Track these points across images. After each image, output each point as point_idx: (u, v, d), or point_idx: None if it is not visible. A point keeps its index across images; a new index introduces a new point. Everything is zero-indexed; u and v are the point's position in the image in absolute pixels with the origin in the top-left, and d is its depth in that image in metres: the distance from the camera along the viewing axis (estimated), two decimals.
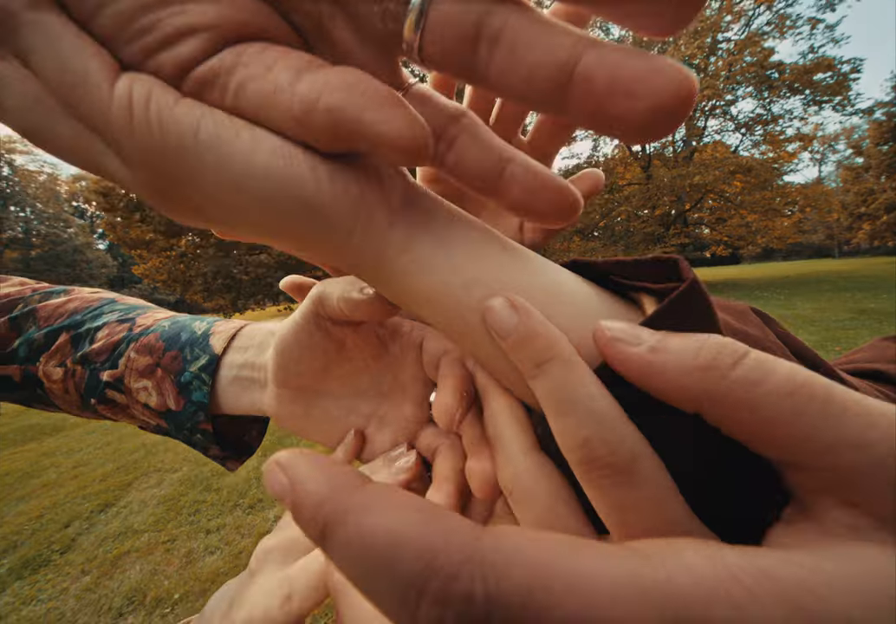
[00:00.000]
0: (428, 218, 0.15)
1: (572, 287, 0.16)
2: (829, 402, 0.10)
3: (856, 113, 13.94)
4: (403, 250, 0.15)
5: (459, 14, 0.11)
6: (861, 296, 7.35)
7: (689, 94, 0.10)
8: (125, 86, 0.11)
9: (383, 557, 0.08)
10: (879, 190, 26.93)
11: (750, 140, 15.36)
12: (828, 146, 41.15)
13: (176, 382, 0.28)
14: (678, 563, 0.09)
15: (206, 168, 0.12)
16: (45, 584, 1.85)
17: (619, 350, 0.13)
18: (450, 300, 0.15)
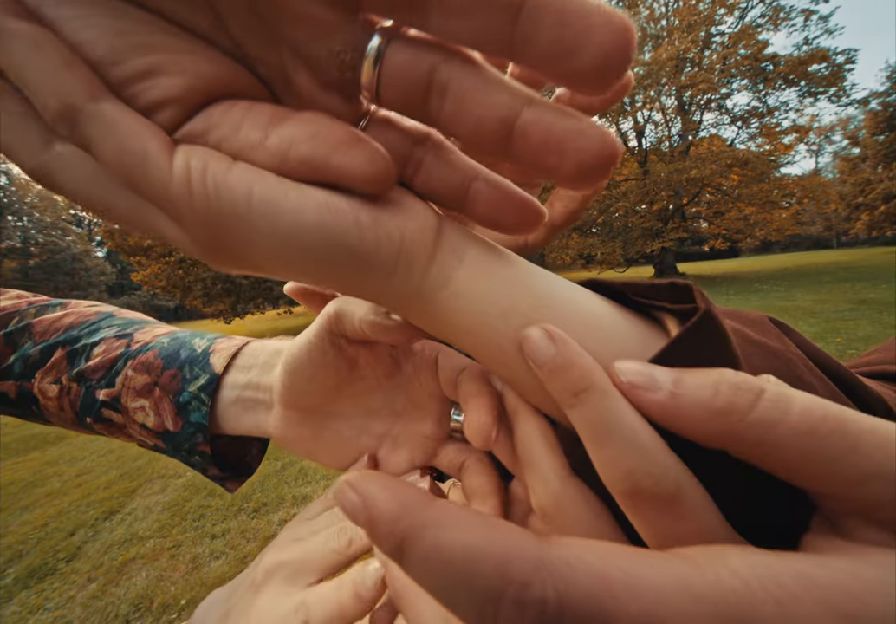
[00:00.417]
0: (462, 251, 0.16)
1: (598, 309, 0.16)
2: (846, 435, 0.11)
3: (851, 103, 13.93)
4: (442, 285, 0.15)
5: (410, 66, 0.12)
6: (860, 286, 7.34)
7: (611, 154, 0.11)
8: (183, 161, 0.12)
9: (462, 570, 0.09)
10: (876, 180, 26.90)
11: (746, 133, 15.36)
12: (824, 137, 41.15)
13: (174, 402, 0.27)
14: (725, 568, 0.09)
15: (259, 228, 0.12)
16: (52, 592, 1.85)
17: (638, 397, 0.13)
18: (488, 330, 0.15)
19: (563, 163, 0.12)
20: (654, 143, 16.44)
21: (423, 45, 0.12)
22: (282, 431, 0.24)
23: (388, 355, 0.24)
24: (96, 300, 0.48)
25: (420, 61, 0.12)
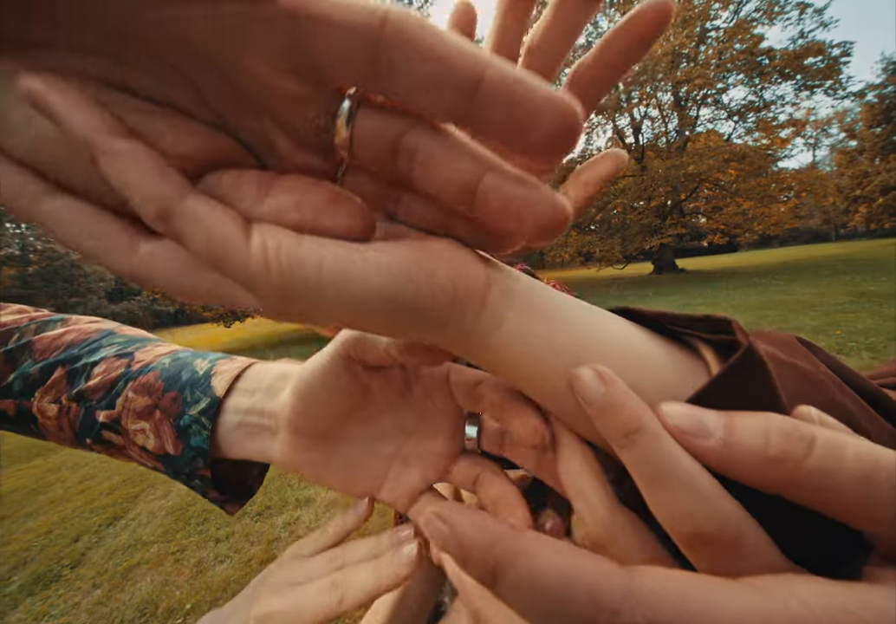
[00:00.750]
0: (509, 290, 0.16)
1: (636, 341, 0.17)
2: None
3: (847, 96, 13.92)
4: (495, 327, 0.16)
5: (379, 131, 0.13)
6: (860, 279, 7.34)
7: (564, 218, 0.13)
8: (259, 241, 0.12)
9: (555, 595, 0.10)
10: (874, 172, 26.88)
11: (743, 127, 15.35)
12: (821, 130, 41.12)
13: (175, 426, 0.27)
14: (793, 597, 0.10)
15: (326, 294, 0.13)
16: (57, 599, 1.85)
17: (689, 443, 0.13)
18: (539, 366, 0.16)
19: (522, 227, 0.13)
20: (650, 139, 16.43)
21: (390, 111, 0.13)
22: (289, 457, 0.24)
23: (399, 378, 0.24)
24: (96, 306, 0.47)
25: (388, 127, 0.13)
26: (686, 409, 0.14)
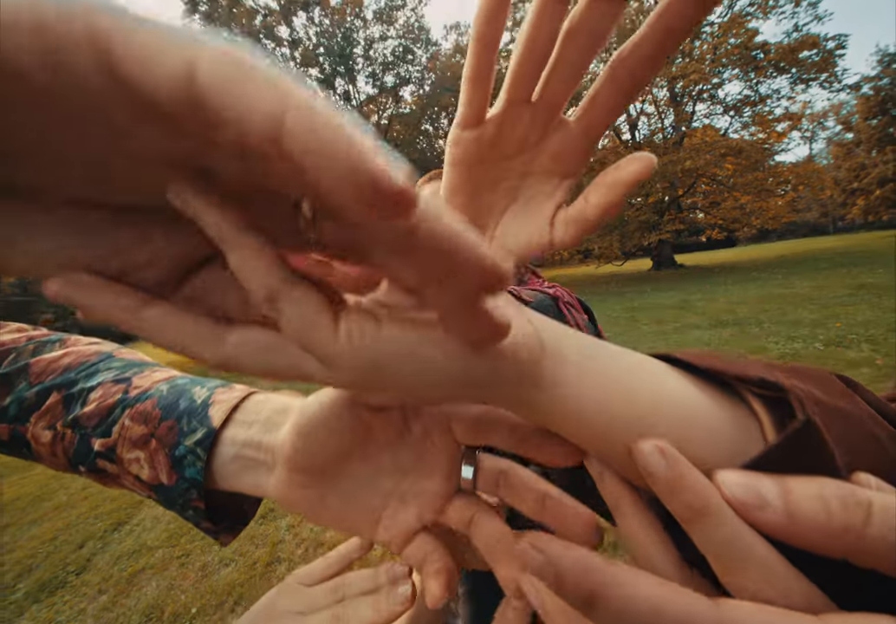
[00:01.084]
0: (561, 354, 0.16)
1: (690, 400, 0.17)
2: None
3: (843, 89, 13.92)
4: (551, 387, 0.16)
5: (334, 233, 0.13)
6: (858, 271, 7.34)
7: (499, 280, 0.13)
8: (346, 327, 0.13)
9: (648, 623, 0.11)
10: (871, 164, 26.86)
11: (739, 122, 15.34)
12: (817, 123, 41.08)
13: (170, 456, 0.27)
14: None
15: (395, 371, 0.14)
16: (63, 605, 1.86)
17: (749, 515, 0.13)
18: (595, 428, 0.16)
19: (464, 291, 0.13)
20: (647, 135, 16.43)
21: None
22: (284, 493, 0.24)
23: (398, 416, 0.24)
24: None
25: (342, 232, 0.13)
26: (742, 477, 0.14)
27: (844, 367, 3.12)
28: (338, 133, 0.07)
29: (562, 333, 0.18)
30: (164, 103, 0.08)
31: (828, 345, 3.69)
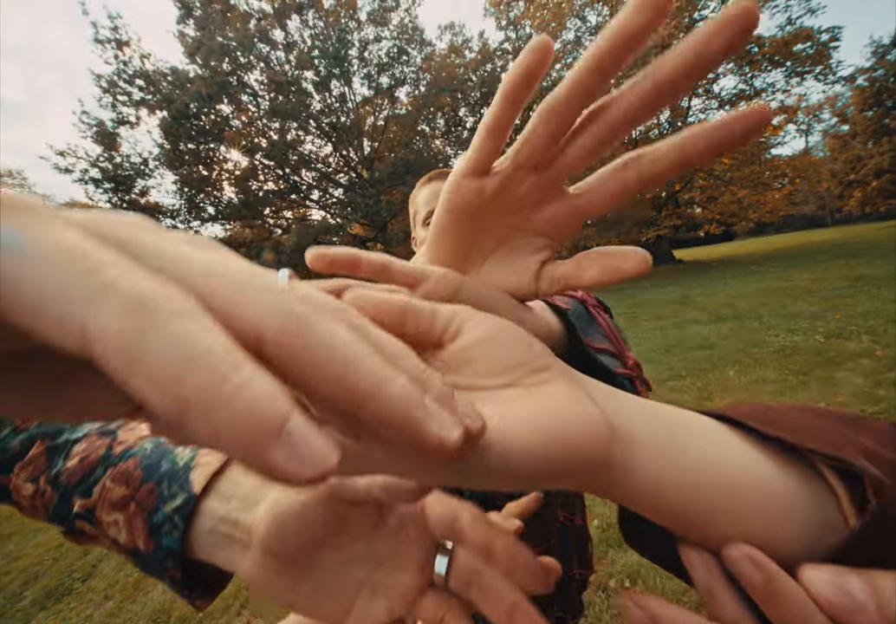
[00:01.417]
0: (632, 430, 0.17)
1: (766, 476, 0.17)
2: None
3: (838, 81, 13.92)
4: (621, 471, 0.16)
5: None
6: (856, 263, 7.34)
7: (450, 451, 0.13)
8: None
9: None
10: (867, 156, 26.87)
11: None
12: (813, 116, 41.07)
13: (148, 521, 0.26)
14: None
15: (499, 470, 0.14)
16: (69, 612, 1.86)
17: (841, 617, 0.13)
18: (673, 507, 0.17)
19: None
20: (643, 131, 16.42)
21: None
22: (256, 576, 0.23)
23: (373, 508, 0.24)
24: None
25: None
26: (828, 575, 0.14)
27: (845, 358, 3.12)
28: (240, 419, 0.07)
29: (628, 408, 0.18)
30: (57, 350, 0.07)
31: (828, 337, 3.70)
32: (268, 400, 0.07)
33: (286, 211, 16.05)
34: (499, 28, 16.91)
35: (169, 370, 0.07)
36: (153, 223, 0.10)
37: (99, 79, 12.44)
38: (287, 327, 0.09)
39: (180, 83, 12.64)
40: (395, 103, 15.85)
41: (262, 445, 0.07)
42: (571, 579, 0.57)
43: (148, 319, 0.07)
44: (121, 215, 0.10)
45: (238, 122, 13.80)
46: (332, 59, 13.28)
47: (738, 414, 0.19)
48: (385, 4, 14.26)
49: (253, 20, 13.07)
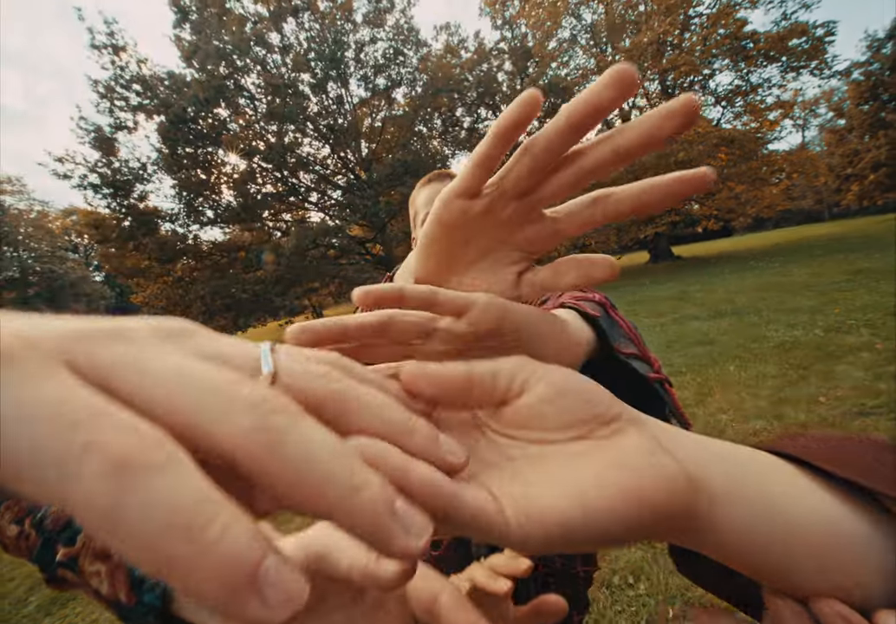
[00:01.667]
0: (710, 481, 0.16)
1: (843, 524, 0.17)
2: None
3: (834, 75, 13.94)
4: (705, 521, 0.16)
5: None
6: (854, 257, 7.35)
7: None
8: (515, 520, 0.14)
9: None
10: (864, 150, 26.86)
11: (731, 112, 15.35)
12: (809, 111, 41.02)
13: (130, 574, 0.26)
14: None
15: (565, 543, 0.14)
16: (75, 617, 1.87)
17: None
18: (756, 559, 0.17)
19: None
20: None
21: None
22: None
23: (354, 584, 0.24)
24: None
25: None
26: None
27: (845, 352, 3.13)
28: (214, 578, 0.07)
29: (700, 452, 0.17)
30: None
31: (827, 331, 3.70)
32: (242, 549, 0.08)
33: (285, 213, 16.06)
34: (494, 27, 16.93)
35: (145, 538, 0.07)
36: (134, 326, 0.11)
37: (96, 84, 12.44)
38: (258, 452, 0.09)
39: (177, 87, 12.66)
40: (392, 104, 15.86)
41: (238, 598, 0.08)
42: (576, 576, 0.58)
43: (124, 482, 0.07)
44: (98, 328, 0.11)
45: (235, 126, 13.81)
46: (329, 62, 13.29)
47: (803, 452, 0.18)
48: (380, 5, 14.27)
49: (249, 23, 13.08)
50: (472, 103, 16.16)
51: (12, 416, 0.08)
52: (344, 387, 0.12)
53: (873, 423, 2.16)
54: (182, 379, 0.10)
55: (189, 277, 13.13)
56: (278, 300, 13.30)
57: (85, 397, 0.08)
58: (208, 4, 12.85)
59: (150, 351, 0.10)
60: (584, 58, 16.24)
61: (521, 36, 16.47)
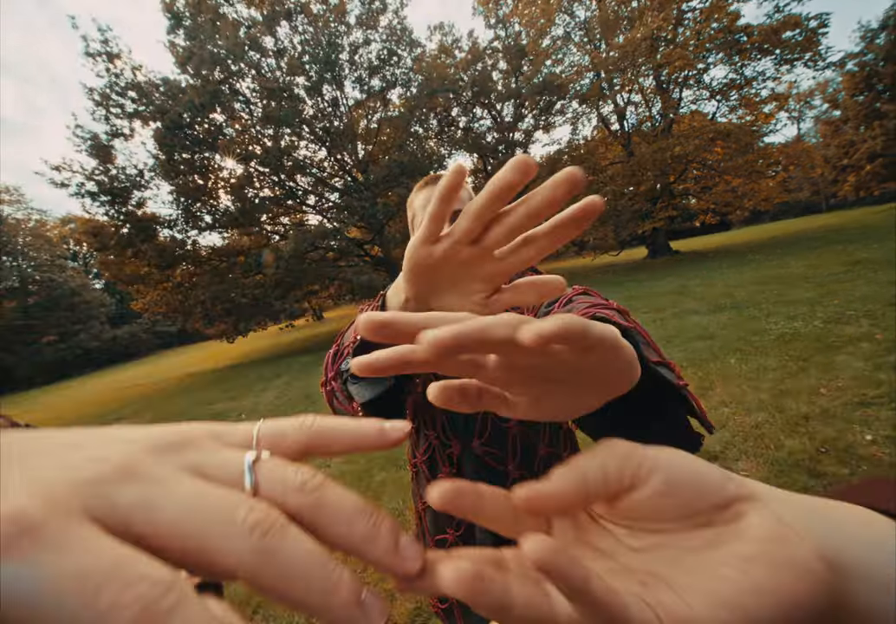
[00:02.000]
0: (846, 574, 0.16)
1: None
2: None
3: (828, 67, 13.93)
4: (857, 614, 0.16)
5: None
6: (852, 248, 7.38)
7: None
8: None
9: None
10: (860, 140, 26.86)
11: (726, 106, 15.35)
12: (804, 103, 40.99)
13: None
14: None
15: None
16: None
17: None
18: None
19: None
20: (635, 124, 16.45)
21: None
22: None
23: None
24: (98, 331, 0.42)
25: None
26: None
27: (844, 343, 3.16)
28: None
29: (826, 525, 0.17)
30: None
31: (827, 322, 3.73)
32: None
33: (283, 217, 16.07)
34: (488, 26, 16.93)
35: None
36: (138, 457, 0.13)
37: (91, 92, 12.45)
38: (255, 569, 0.11)
39: (172, 93, 12.66)
40: (388, 105, 15.87)
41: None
42: None
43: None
44: (107, 470, 0.12)
45: (232, 131, 13.81)
46: (323, 64, 13.31)
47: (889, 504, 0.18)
48: (373, 7, 14.28)
49: (243, 28, 13.09)
50: (468, 103, 16.17)
51: (48, 593, 0.09)
52: (315, 499, 0.14)
53: (875, 413, 2.19)
54: (188, 513, 0.12)
55: (188, 283, 13.14)
56: (278, 304, 13.32)
57: (107, 552, 0.10)
58: (202, 10, 12.85)
59: (158, 488, 0.12)
60: (579, 55, 16.25)
61: (514, 34, 16.47)
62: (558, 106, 16.53)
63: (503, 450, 0.67)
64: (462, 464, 0.69)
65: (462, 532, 0.70)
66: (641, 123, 16.33)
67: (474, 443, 0.67)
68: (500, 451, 0.67)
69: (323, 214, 15.67)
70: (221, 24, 12.73)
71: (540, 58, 15.49)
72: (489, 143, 16.72)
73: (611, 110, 16.19)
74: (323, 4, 13.83)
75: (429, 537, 0.74)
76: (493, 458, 0.67)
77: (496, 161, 16.74)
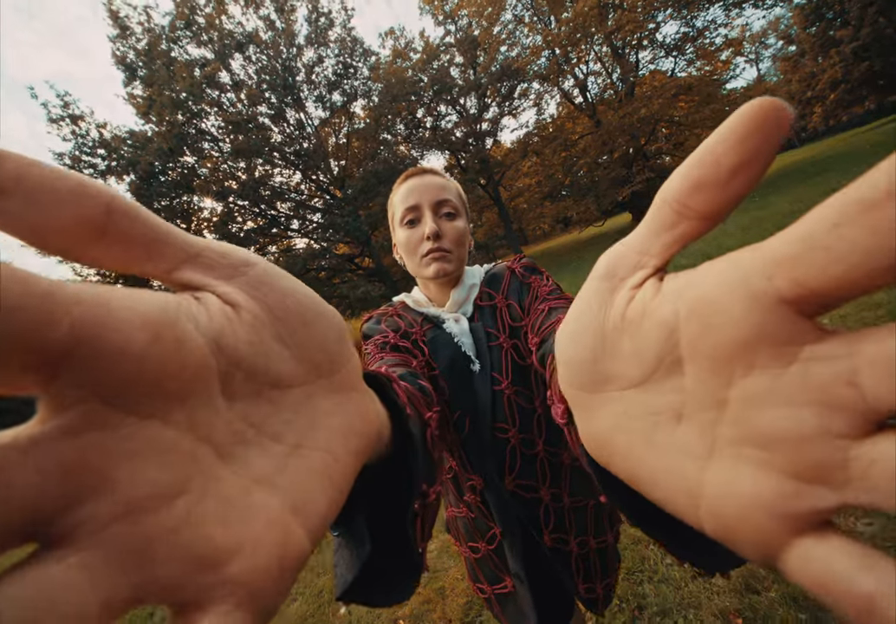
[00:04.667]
0: None
1: None
2: None
3: (776, 4, 13.98)
4: None
5: None
6: (832, 176, 7.47)
7: None
8: None
9: None
10: (820, 71, 26.84)
11: (683, 60, 15.42)
12: (759, 44, 40.95)
13: None
14: None
15: None
16: None
17: None
18: None
19: None
20: (597, 93, 16.55)
21: None
22: None
23: None
24: None
25: None
26: None
27: None
28: None
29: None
30: None
31: None
32: None
33: (270, 246, 16.24)
34: (437, 23, 17.00)
35: None
36: None
37: (61, 157, 12.62)
38: None
39: (141, 144, 12.83)
40: (353, 118, 16.01)
41: None
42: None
43: None
44: None
45: (205, 170, 13.98)
46: (282, 89, 13.46)
47: None
48: (320, 24, 14.41)
49: (197, 68, 13.25)
50: (431, 102, 16.30)
51: None
52: None
53: (874, 322, 2.30)
54: None
55: None
56: None
57: None
58: (154, 57, 13.01)
59: None
60: (531, 36, 16.32)
61: (465, 27, 16.57)
62: (520, 89, 16.65)
63: (533, 477, 0.64)
64: (486, 498, 0.65)
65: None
66: (604, 92, 16.42)
67: (507, 480, 0.63)
68: (531, 479, 0.64)
69: (308, 236, 15.83)
70: (175, 67, 12.88)
71: (494, 45, 15.59)
72: (458, 139, 16.85)
73: (572, 84, 16.30)
74: (271, 30, 13.97)
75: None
76: (524, 488, 0.64)
77: (468, 155, 16.87)
